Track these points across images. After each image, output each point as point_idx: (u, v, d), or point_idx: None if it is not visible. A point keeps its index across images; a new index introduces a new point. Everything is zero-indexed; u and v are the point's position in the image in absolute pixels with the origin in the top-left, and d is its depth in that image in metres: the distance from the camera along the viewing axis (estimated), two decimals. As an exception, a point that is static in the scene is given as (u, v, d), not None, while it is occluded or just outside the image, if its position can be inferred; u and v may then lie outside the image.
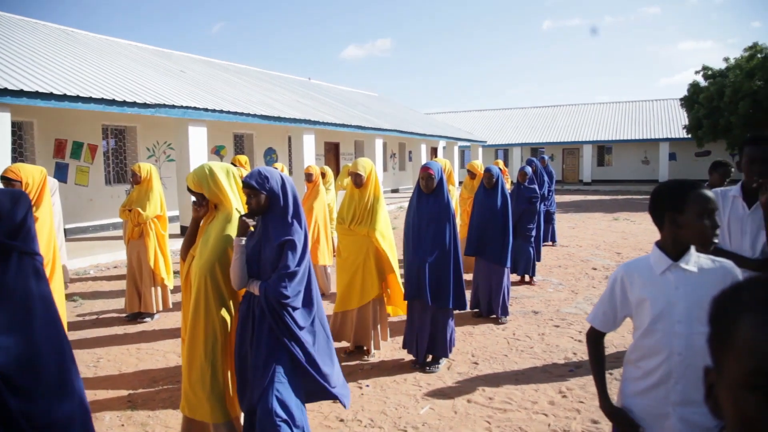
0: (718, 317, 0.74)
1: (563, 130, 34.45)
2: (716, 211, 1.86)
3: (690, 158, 30.15)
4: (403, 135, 21.86)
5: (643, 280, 1.95)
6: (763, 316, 0.66)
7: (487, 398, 4.10)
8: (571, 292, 7.21)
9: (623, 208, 18.61)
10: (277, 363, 2.81)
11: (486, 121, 39.32)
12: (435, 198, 4.45)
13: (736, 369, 0.67)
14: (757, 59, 21.82)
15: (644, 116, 34.06)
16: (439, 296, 4.42)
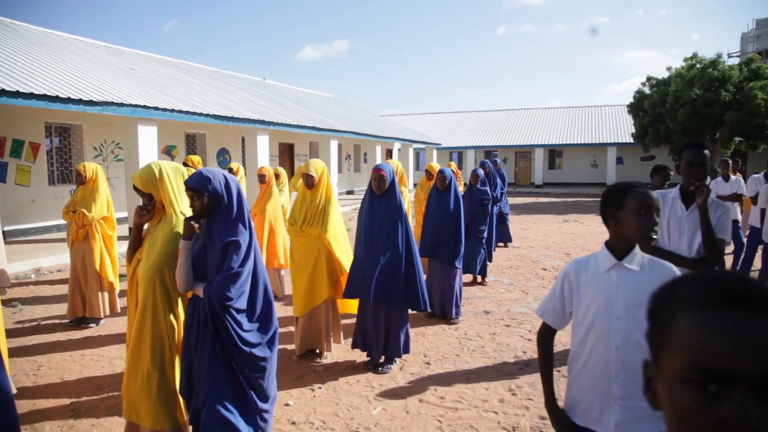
0: (655, 313, 0.76)
1: (516, 134, 35.14)
2: (654, 208, 1.93)
3: (636, 162, 31.19)
4: (359, 137, 21.88)
5: (589, 277, 2.02)
6: (696, 312, 0.68)
7: (438, 398, 4.14)
8: (522, 292, 7.36)
9: (573, 210, 19.13)
10: (221, 367, 2.77)
11: (441, 123, 39.72)
12: (387, 199, 4.47)
13: (673, 364, 0.69)
14: (696, 69, 22.95)
15: (593, 121, 35.11)
16: (391, 297, 4.44)
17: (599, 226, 14.46)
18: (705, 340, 0.65)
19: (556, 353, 4.66)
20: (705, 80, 22.37)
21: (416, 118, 42.17)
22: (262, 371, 2.87)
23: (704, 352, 0.65)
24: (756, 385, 0.62)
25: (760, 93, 21.34)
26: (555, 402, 2.17)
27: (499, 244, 10.51)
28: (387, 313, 4.54)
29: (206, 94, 15.83)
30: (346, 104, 32.50)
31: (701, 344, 0.66)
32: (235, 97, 17.56)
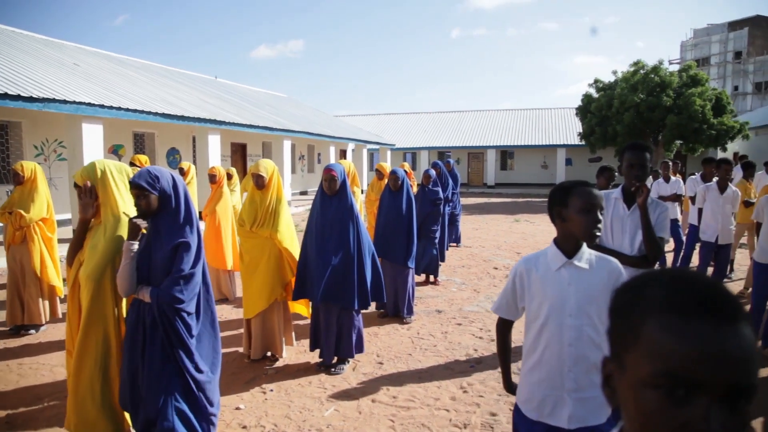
0: (621, 313, 0.75)
1: (469, 135, 35.64)
2: (597, 206, 2.00)
3: (584, 163, 32.10)
4: (312, 137, 21.75)
5: (540, 275, 2.07)
6: (668, 318, 0.68)
7: (391, 397, 4.15)
8: (474, 291, 7.47)
9: (524, 210, 19.54)
10: (173, 373, 2.70)
11: (395, 124, 39.91)
12: (338, 200, 4.46)
13: (641, 367, 0.69)
14: (640, 74, 24.00)
15: (543, 124, 35.96)
16: (344, 297, 4.43)
17: (549, 226, 14.77)
18: (676, 347, 0.66)
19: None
20: (648, 85, 23.37)
21: (370, 118, 42.25)
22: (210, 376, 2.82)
23: (675, 360, 0.66)
24: (721, 392, 0.64)
25: (698, 99, 22.42)
26: (512, 384, 2.33)
27: (452, 244, 10.64)
28: (339, 313, 4.53)
29: (155, 92, 15.42)
30: (300, 104, 32.27)
31: (672, 352, 0.66)
32: (186, 95, 17.18)
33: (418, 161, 35.20)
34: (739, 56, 49.76)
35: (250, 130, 16.99)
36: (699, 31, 53.85)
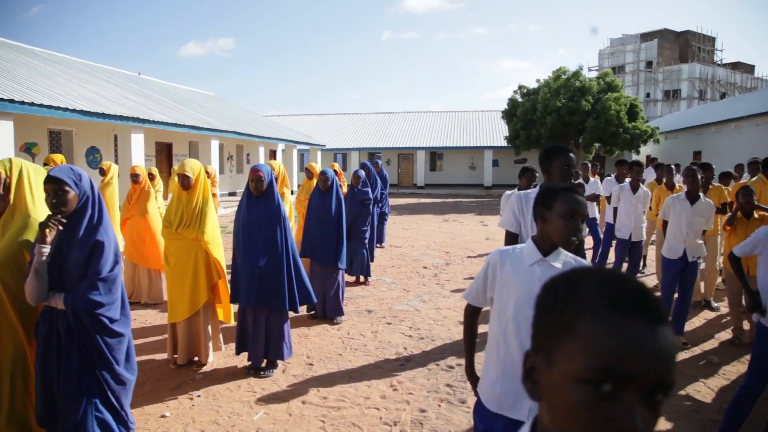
0: (554, 308, 0.75)
1: (399, 136, 36.00)
2: (580, 214, 2.01)
3: (510, 165, 33.14)
4: (241, 137, 21.34)
5: (513, 268, 2.10)
6: (606, 317, 0.69)
7: (321, 398, 4.15)
8: (403, 290, 7.57)
9: (452, 211, 19.95)
10: (92, 384, 2.58)
11: (325, 125, 39.75)
12: (265, 200, 4.42)
13: (575, 362, 0.70)
14: (562, 80, 25.18)
15: (471, 126, 36.86)
16: (273, 299, 4.39)
17: (477, 225, 15.23)
18: (614, 343, 0.68)
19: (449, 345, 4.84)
20: (569, 90, 24.52)
21: (301, 119, 41.89)
22: (126, 384, 2.73)
23: (613, 355, 0.68)
24: (647, 387, 0.68)
25: (614, 104, 23.78)
26: (474, 374, 2.40)
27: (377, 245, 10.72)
28: (267, 316, 4.49)
29: (73, 87, 14.65)
30: (229, 103, 31.55)
31: (610, 347, 0.68)
32: (107, 92, 16.42)
33: (348, 162, 35.23)
34: (650, 65, 52.97)
35: (176, 129, 16.46)
36: (615, 41, 56.91)
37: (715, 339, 5.63)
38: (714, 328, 5.99)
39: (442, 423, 3.78)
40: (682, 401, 4.20)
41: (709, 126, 26.53)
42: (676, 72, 51.07)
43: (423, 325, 5.98)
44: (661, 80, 51.79)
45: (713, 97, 50.02)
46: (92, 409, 2.56)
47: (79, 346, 2.56)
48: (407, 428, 3.71)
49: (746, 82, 53.54)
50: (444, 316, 6.27)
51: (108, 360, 2.61)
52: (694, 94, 50.03)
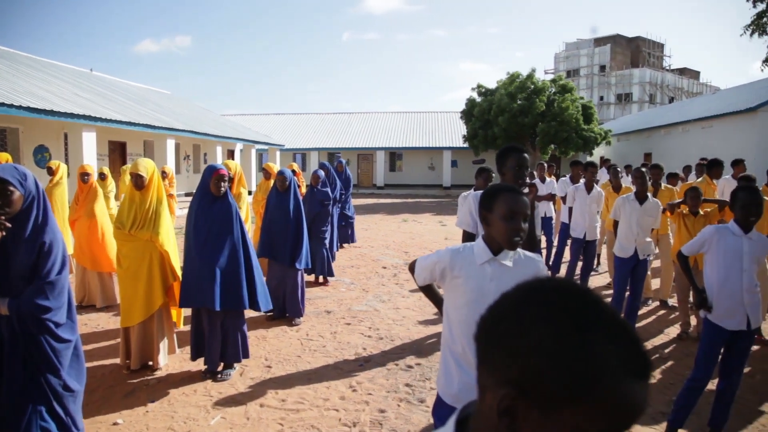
0: (564, 362, 0.69)
1: (358, 136, 35.98)
2: (521, 214, 2.02)
3: (469, 165, 33.49)
4: (198, 136, 20.94)
5: (465, 267, 2.11)
6: (628, 382, 0.68)
7: (280, 400, 4.11)
8: (363, 290, 7.56)
9: (412, 211, 20.06)
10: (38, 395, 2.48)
11: (284, 124, 39.39)
12: (222, 200, 4.34)
13: (590, 425, 0.69)
14: (517, 83, 25.63)
15: (430, 126, 37.14)
16: (231, 300, 4.32)
17: (436, 226, 15.35)
18: (636, 409, 0.69)
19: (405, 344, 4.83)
20: (524, 92, 25.04)
21: (259, 118, 41.39)
22: (74, 391, 2.63)
23: (630, 418, 0.69)
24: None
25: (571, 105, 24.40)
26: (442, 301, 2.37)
27: (344, 245, 10.70)
28: (224, 318, 4.41)
29: (19, 83, 14.08)
30: (186, 102, 30.93)
31: (630, 413, 0.68)
32: (56, 88, 15.86)
33: (308, 162, 35.00)
34: (603, 69, 54.51)
35: (130, 128, 16.02)
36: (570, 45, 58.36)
37: (665, 334, 5.82)
38: (664, 324, 6.19)
39: (402, 423, 3.79)
40: (634, 395, 4.32)
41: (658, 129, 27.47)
42: (627, 76, 52.72)
43: (382, 325, 5.98)
44: (614, 84, 53.37)
45: (662, 101, 51.85)
46: (37, 418, 2.46)
47: (24, 353, 2.45)
48: (366, 429, 3.71)
49: (692, 87, 55.71)
50: (403, 316, 6.29)
51: (54, 366, 2.51)
52: (644, 98, 51.75)
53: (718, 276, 3.47)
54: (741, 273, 3.39)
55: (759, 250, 3.43)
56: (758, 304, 3.43)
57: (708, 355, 3.47)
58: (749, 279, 3.39)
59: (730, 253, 3.42)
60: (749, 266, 3.40)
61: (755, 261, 3.43)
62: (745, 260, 3.40)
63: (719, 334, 3.43)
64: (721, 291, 3.43)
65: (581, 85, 53.29)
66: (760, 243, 3.44)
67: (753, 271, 3.42)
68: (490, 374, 0.74)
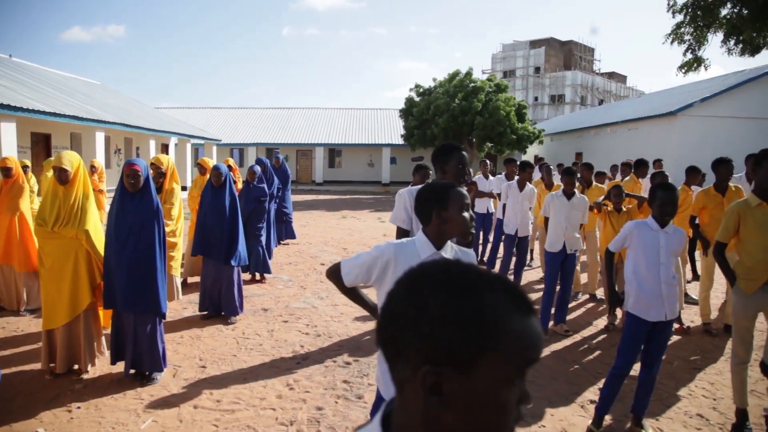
0: (464, 319, 0.73)
1: (298, 132, 35.61)
2: (470, 206, 2.16)
3: (407, 162, 33.81)
4: (130, 129, 20.13)
5: (409, 260, 2.11)
6: (519, 317, 0.75)
7: (214, 401, 4.01)
8: (300, 287, 7.50)
9: (351, 207, 20.06)
10: None
11: (222, 119, 38.45)
12: (141, 198, 4.18)
13: (507, 366, 0.74)
14: (456, 81, 26.02)
15: (370, 123, 37.22)
16: (146, 301, 4.16)
17: (374, 222, 15.40)
18: (533, 340, 0.75)
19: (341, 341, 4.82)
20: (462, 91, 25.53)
21: (195, 112, 40.22)
22: None
23: (534, 349, 0.76)
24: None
25: (504, 105, 25.07)
26: (375, 307, 2.40)
27: (282, 242, 10.57)
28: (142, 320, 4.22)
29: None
30: (117, 93, 29.64)
31: (531, 344, 0.75)
32: (-31, 76, 14.86)
33: (245, 157, 34.32)
34: (538, 71, 56.24)
35: (55, 119, 15.19)
36: (507, 46, 59.86)
37: (593, 326, 6.07)
38: (592, 316, 6.45)
39: (339, 419, 3.78)
40: (563, 384, 4.49)
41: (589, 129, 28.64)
42: (560, 78, 54.61)
43: (320, 322, 5.95)
44: (548, 85, 55.19)
45: (593, 102, 54.07)
46: None
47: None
48: (304, 427, 3.68)
49: (620, 90, 58.42)
50: (341, 313, 6.28)
51: None
52: (576, 100, 53.78)
53: (637, 269, 3.66)
54: (659, 266, 3.58)
55: (675, 243, 3.63)
56: (675, 296, 3.63)
57: (630, 345, 3.65)
58: (667, 271, 3.58)
59: (649, 247, 3.61)
60: (666, 259, 3.59)
61: (672, 254, 3.63)
62: (662, 254, 3.59)
63: (640, 326, 3.61)
64: (641, 284, 3.62)
65: (517, 85, 54.81)
66: (676, 236, 3.63)
67: (671, 263, 3.62)
68: (406, 365, 0.76)
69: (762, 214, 3.78)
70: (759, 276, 3.75)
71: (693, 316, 6.41)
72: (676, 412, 4.07)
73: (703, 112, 21.25)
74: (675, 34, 7.20)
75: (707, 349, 5.42)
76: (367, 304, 2.46)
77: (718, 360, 5.14)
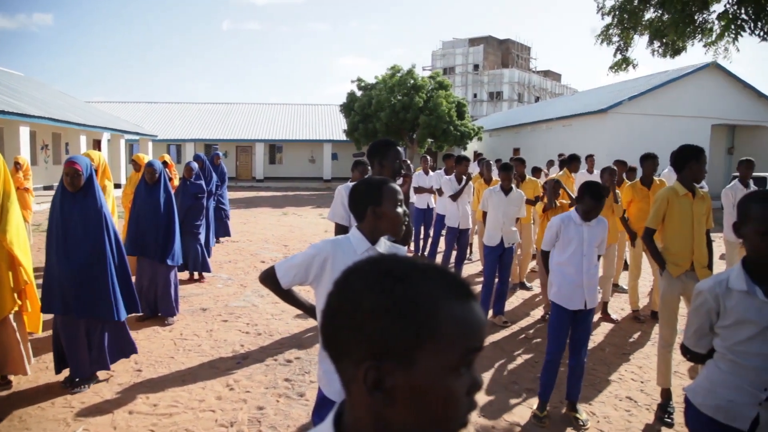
0: (400, 311, 0.73)
1: (237, 128, 34.93)
2: (402, 201, 2.20)
3: (349, 158, 33.72)
4: (58, 124, 19.18)
5: (346, 257, 2.11)
6: (459, 305, 0.75)
7: (151, 405, 3.89)
8: (240, 285, 7.37)
9: (292, 204, 19.88)
10: None
11: (158, 114, 37.22)
12: (84, 196, 4.00)
13: (449, 354, 0.73)
14: (397, 78, 26.23)
15: (311, 119, 36.96)
16: (99, 307, 4.00)
17: (316, 218, 15.32)
18: (474, 326, 0.74)
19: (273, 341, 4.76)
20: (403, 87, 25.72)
21: (130, 106, 38.77)
22: None
23: (475, 335, 0.75)
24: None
25: (445, 101, 25.42)
26: (312, 307, 2.43)
27: (221, 240, 10.35)
28: (88, 325, 4.07)
29: None
30: (44, 86, 28.12)
31: (472, 330, 0.74)
32: None
33: (183, 154, 33.37)
34: (477, 68, 57.29)
35: (-29, 114, 14.32)
36: (447, 44, 60.65)
37: (530, 316, 6.26)
38: (529, 307, 6.65)
39: (281, 418, 3.75)
40: (503, 374, 4.61)
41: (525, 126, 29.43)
42: (498, 76, 55.84)
43: (260, 320, 5.87)
44: (486, 82, 56.32)
45: (529, 100, 55.61)
46: None
47: None
48: (244, 428, 3.62)
49: (555, 88, 60.35)
50: (282, 310, 6.21)
51: None
52: (513, 97, 55.15)
53: (562, 260, 3.84)
54: (582, 257, 3.77)
55: (598, 234, 3.82)
56: (595, 286, 3.83)
57: (557, 332, 3.82)
58: (588, 262, 3.78)
59: (573, 240, 3.79)
60: (589, 251, 3.79)
61: (594, 245, 3.82)
62: (585, 246, 3.78)
63: (563, 314, 3.79)
64: (564, 274, 3.79)
65: (457, 82, 55.66)
66: (598, 227, 3.83)
67: (592, 254, 3.82)
68: (349, 363, 0.76)
69: (686, 204, 4.00)
70: (682, 263, 3.98)
71: (623, 304, 6.71)
72: (608, 396, 4.26)
73: (631, 109, 22.25)
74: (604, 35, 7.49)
75: (636, 336, 5.70)
76: (303, 305, 2.44)
77: (645, 345, 5.42)
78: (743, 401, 2.01)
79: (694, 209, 3.99)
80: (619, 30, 7.35)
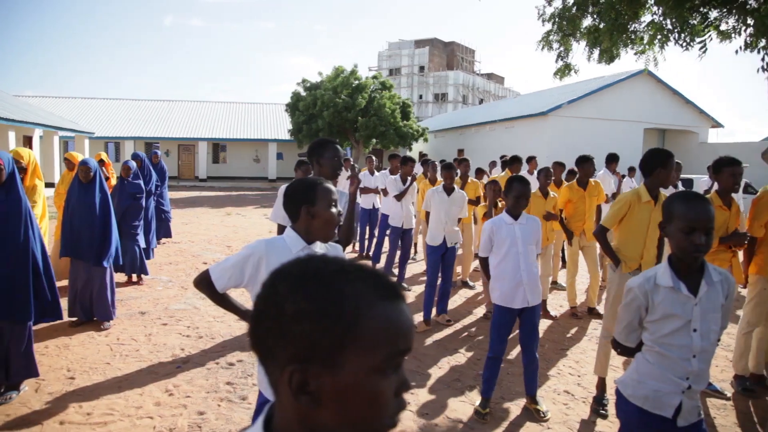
0: (324, 314, 0.72)
1: (179, 126, 33.99)
2: (336, 201, 2.19)
3: (294, 158, 33.40)
4: (-19, 119, 18.15)
5: (281, 256, 2.06)
6: (382, 306, 0.74)
7: (84, 414, 3.73)
8: (181, 288, 7.18)
9: (236, 204, 19.51)
10: None
11: (95, 110, 35.73)
12: (6, 194, 3.80)
13: (374, 356, 0.73)
14: (341, 78, 26.20)
15: (256, 118, 36.38)
16: (16, 311, 3.80)
17: (260, 219, 15.10)
18: (399, 328, 0.74)
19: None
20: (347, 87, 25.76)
21: (65, 102, 37.02)
22: None
23: (401, 337, 0.74)
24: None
25: (389, 102, 25.61)
26: (248, 312, 2.33)
27: (161, 241, 10.05)
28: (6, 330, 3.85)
29: None
30: (-36, 79, 26.54)
31: (398, 332, 0.74)
32: None
33: (122, 152, 32.21)
34: (422, 70, 57.88)
35: None
36: (393, 45, 60.98)
37: (473, 315, 6.37)
38: (471, 305, 6.77)
39: (222, 423, 3.67)
40: (446, 372, 4.68)
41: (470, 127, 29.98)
42: (444, 78, 56.60)
43: (202, 323, 5.74)
44: (432, 84, 56.98)
45: (474, 102, 56.64)
46: None
47: None
48: (184, 433, 3.53)
49: (498, 90, 61.68)
50: (224, 313, 6.06)
51: None
52: (458, 99, 56.01)
53: (499, 262, 3.91)
54: (518, 256, 3.84)
55: (531, 231, 3.90)
56: (536, 284, 3.90)
57: (499, 332, 3.91)
58: (526, 260, 3.85)
59: (506, 240, 3.86)
60: (524, 248, 3.86)
61: (529, 243, 3.89)
62: (520, 244, 3.85)
63: (506, 315, 3.88)
64: (504, 275, 3.86)
65: (402, 83, 56.08)
66: (530, 225, 3.91)
67: (529, 252, 3.89)
68: (276, 366, 0.76)
69: (646, 211, 3.97)
70: (632, 263, 4.06)
71: (562, 301, 6.93)
72: (546, 390, 4.39)
73: (570, 113, 23.04)
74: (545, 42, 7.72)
75: (573, 331, 5.90)
76: (239, 309, 2.42)
77: (582, 340, 5.61)
78: (668, 390, 2.14)
79: (653, 216, 3.93)
80: (558, 36, 7.59)
